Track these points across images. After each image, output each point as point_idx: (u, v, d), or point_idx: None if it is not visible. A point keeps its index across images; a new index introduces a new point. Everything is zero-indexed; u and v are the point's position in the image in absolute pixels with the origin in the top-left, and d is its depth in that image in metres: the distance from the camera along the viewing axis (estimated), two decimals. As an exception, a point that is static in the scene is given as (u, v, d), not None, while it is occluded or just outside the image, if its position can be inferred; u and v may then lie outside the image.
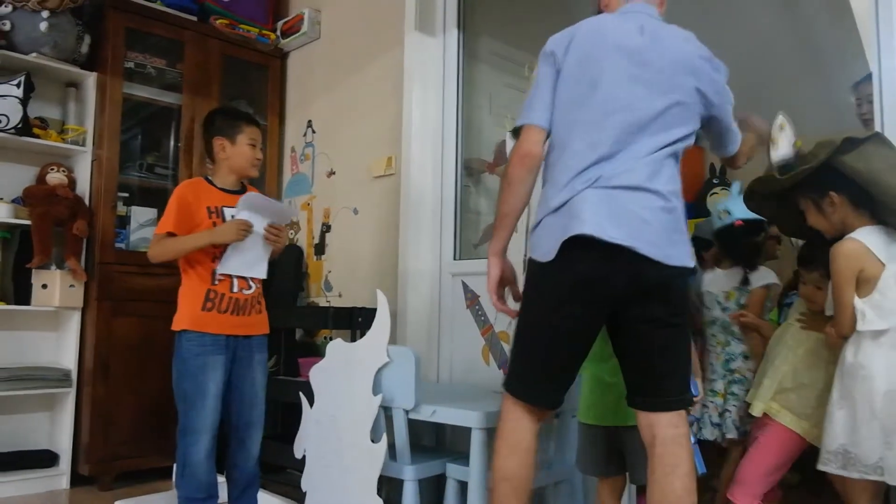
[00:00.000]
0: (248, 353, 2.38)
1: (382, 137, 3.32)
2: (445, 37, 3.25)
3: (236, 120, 2.44)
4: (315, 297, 3.55)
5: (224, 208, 2.34)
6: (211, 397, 2.26)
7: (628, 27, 1.71)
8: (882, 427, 1.63)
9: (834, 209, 1.79)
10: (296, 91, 3.91)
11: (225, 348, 2.31)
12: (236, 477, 2.39)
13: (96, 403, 3.10)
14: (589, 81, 1.68)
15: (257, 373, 2.40)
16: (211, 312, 2.28)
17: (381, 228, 3.26)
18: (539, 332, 1.69)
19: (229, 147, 2.39)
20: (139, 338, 3.22)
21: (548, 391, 1.70)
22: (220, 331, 2.29)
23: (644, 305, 1.62)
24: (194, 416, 2.24)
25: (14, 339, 3.21)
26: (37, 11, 3.13)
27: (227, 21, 3.70)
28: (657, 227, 1.60)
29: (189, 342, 2.27)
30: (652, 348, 1.65)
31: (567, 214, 1.62)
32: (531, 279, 1.73)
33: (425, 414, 2.25)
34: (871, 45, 2.02)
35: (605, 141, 1.63)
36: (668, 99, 1.65)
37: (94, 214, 3.23)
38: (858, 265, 1.70)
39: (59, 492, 3.08)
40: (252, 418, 2.39)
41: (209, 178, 2.43)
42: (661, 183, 1.62)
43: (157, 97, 3.52)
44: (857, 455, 1.67)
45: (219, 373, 2.28)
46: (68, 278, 3.11)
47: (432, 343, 3.10)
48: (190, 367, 2.26)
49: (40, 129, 3.24)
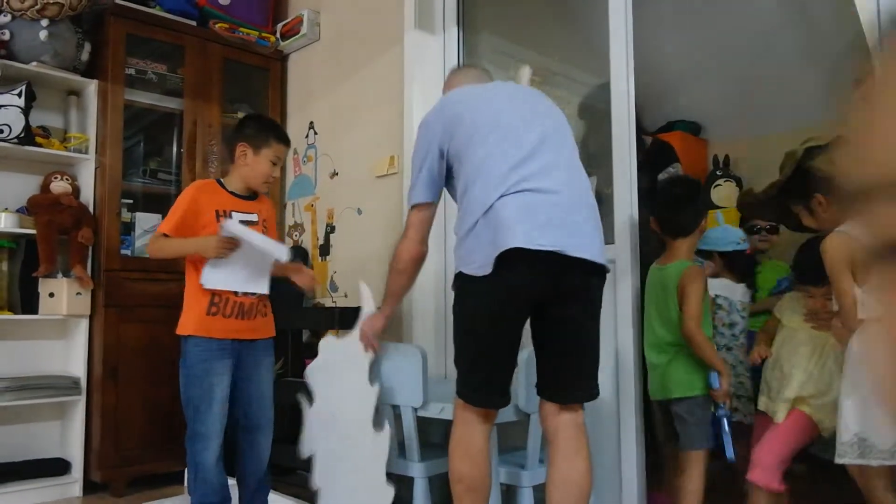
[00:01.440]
0: (254, 357, 2.38)
1: (384, 137, 3.31)
2: (445, 34, 3.25)
3: (267, 132, 2.41)
4: (321, 298, 3.55)
5: (233, 213, 2.34)
6: (217, 402, 2.26)
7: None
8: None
9: (823, 210, 1.88)
10: (297, 93, 3.91)
11: (230, 353, 2.31)
12: (247, 480, 2.39)
13: (106, 410, 3.11)
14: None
15: (263, 375, 2.40)
16: (216, 317, 2.28)
17: (386, 228, 3.26)
18: (480, 341, 1.85)
19: (251, 156, 2.36)
20: (147, 343, 3.23)
21: (493, 394, 1.87)
22: (225, 335, 2.29)
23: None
24: (202, 422, 2.25)
25: (23, 349, 3.22)
26: (36, 20, 3.14)
27: (226, 25, 3.70)
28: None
29: (196, 347, 2.27)
30: (567, 344, 1.83)
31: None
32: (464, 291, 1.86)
33: (434, 411, 2.25)
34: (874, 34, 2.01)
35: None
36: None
37: (99, 222, 3.24)
38: (849, 255, 1.75)
39: (73, 499, 3.09)
40: (260, 421, 2.39)
41: (221, 182, 2.42)
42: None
43: (159, 103, 3.53)
44: (873, 442, 1.68)
45: (225, 377, 2.28)
46: (75, 286, 3.12)
47: (439, 340, 3.09)
48: (196, 372, 2.26)
49: (43, 137, 3.25)
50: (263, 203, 2.49)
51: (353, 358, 2.30)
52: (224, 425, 2.28)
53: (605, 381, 2.47)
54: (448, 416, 2.25)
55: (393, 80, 3.28)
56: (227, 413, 2.30)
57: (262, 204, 2.47)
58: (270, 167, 2.37)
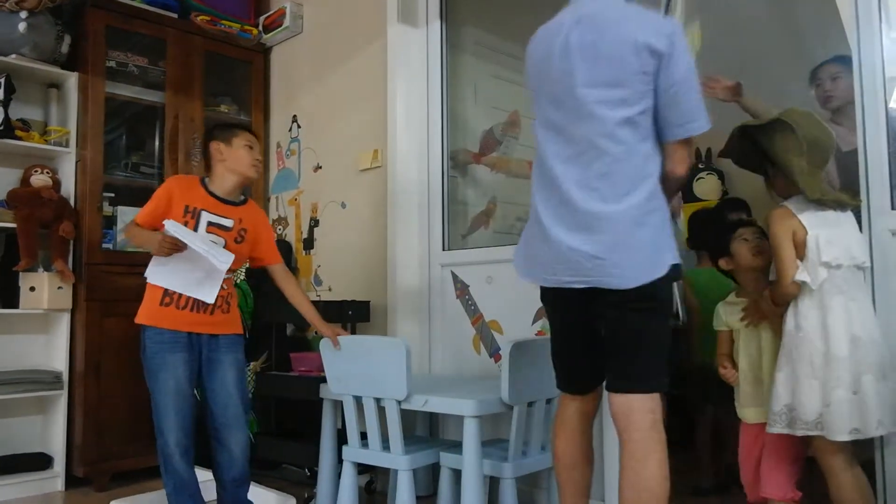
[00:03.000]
0: (217, 354, 2.34)
1: (368, 130, 3.31)
2: (428, 28, 3.25)
3: (232, 127, 2.48)
4: (305, 292, 3.55)
5: (203, 212, 2.30)
6: (173, 395, 2.24)
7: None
8: (821, 385, 1.75)
9: (776, 179, 1.96)
10: (280, 86, 3.89)
11: (188, 346, 2.28)
12: (221, 477, 2.37)
13: (88, 404, 3.10)
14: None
15: (228, 374, 2.34)
16: (168, 308, 2.27)
17: (370, 221, 3.27)
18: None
19: (225, 149, 2.36)
20: (129, 337, 3.18)
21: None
22: (177, 327, 2.27)
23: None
24: (160, 414, 2.25)
25: (4, 343, 3.20)
26: (15, 12, 3.10)
27: (208, 17, 3.67)
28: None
29: (149, 339, 2.27)
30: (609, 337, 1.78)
31: None
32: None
33: (417, 404, 2.26)
34: (851, 25, 2.04)
35: None
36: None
37: (80, 215, 3.22)
38: (790, 226, 1.84)
39: (55, 494, 3.08)
40: (227, 420, 2.33)
41: (205, 181, 2.39)
42: None
43: (140, 96, 3.50)
44: (799, 413, 1.78)
45: (180, 370, 2.26)
46: (56, 280, 3.10)
47: (423, 334, 3.11)
48: (150, 365, 2.26)
49: (23, 131, 3.22)
50: (249, 211, 2.44)
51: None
52: (185, 419, 2.26)
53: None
54: (431, 409, 2.27)
55: (376, 74, 3.27)
56: (190, 406, 2.28)
57: (246, 211, 2.42)
58: (248, 151, 2.38)
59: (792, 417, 1.79)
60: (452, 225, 3.21)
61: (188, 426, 2.27)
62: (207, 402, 2.35)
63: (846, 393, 1.72)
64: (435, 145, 3.21)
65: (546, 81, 1.81)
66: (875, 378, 1.72)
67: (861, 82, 2.01)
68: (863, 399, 1.71)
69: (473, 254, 3.03)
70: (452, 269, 3.06)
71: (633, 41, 1.66)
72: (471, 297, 2.98)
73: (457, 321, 3.01)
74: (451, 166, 3.25)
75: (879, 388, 1.73)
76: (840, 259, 1.79)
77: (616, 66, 1.68)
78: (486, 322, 2.91)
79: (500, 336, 2.84)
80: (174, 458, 2.24)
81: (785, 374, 1.83)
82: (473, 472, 2.15)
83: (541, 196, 1.81)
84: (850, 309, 1.77)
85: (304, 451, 2.87)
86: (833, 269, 1.79)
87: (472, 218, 3.28)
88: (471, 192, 3.37)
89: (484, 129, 3.28)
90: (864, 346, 1.74)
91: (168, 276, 2.26)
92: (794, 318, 1.83)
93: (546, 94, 1.82)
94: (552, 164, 1.77)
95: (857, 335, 1.75)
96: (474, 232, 3.25)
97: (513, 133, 3.23)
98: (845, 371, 1.73)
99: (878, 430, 1.71)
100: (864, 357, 1.73)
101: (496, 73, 3.53)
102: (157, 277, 2.28)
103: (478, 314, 2.94)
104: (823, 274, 1.79)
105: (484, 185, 3.35)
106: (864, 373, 1.72)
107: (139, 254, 3.33)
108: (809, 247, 1.81)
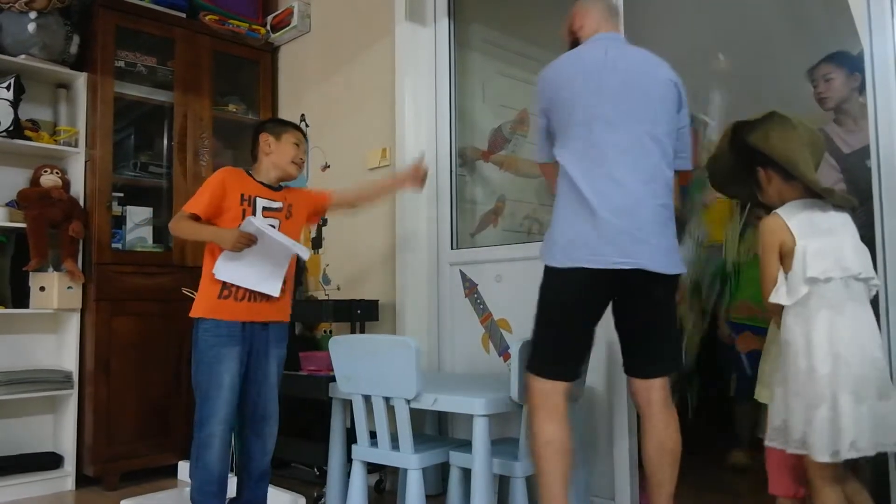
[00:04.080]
0: (265, 346, 2.38)
1: (376, 129, 3.31)
2: (436, 26, 3.24)
3: (285, 124, 2.57)
4: (314, 291, 3.55)
5: (258, 198, 2.37)
6: (226, 389, 2.26)
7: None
8: (805, 403, 1.69)
9: (769, 183, 1.91)
10: (288, 85, 3.90)
11: (241, 340, 2.30)
12: (251, 469, 2.40)
13: (98, 404, 3.11)
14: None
15: (272, 366, 2.40)
16: (227, 300, 2.29)
17: (378, 220, 3.26)
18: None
19: (274, 143, 2.44)
20: (138, 337, 3.23)
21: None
22: (234, 317, 2.29)
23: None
24: (209, 408, 2.25)
25: (14, 343, 3.21)
26: (24, 13, 3.11)
27: (216, 17, 3.68)
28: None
29: (205, 332, 2.28)
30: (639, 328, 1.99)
31: None
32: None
33: (427, 403, 2.25)
34: (863, 24, 2.02)
35: None
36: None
37: (90, 215, 3.23)
38: (778, 238, 1.80)
39: (65, 493, 3.09)
40: (267, 412, 2.40)
41: (249, 171, 2.45)
42: None
43: (149, 95, 3.51)
44: (790, 430, 1.73)
45: (234, 363, 2.28)
46: (66, 280, 3.11)
47: (432, 333, 3.10)
48: (205, 357, 2.27)
49: (32, 131, 3.23)
50: (288, 192, 2.50)
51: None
52: (231, 413, 2.28)
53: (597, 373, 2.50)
54: (441, 408, 2.26)
55: (384, 72, 3.27)
56: (236, 401, 2.30)
57: (286, 193, 2.49)
58: (295, 148, 2.46)
59: (786, 434, 1.75)
60: (461, 223, 3.20)
61: (232, 420, 2.30)
62: (250, 393, 2.36)
63: (827, 412, 1.65)
64: (443, 144, 3.20)
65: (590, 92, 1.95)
66: (853, 398, 1.64)
67: (873, 77, 1.99)
68: (838, 419, 1.64)
69: (482, 252, 3.02)
70: (461, 268, 3.06)
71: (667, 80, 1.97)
72: (479, 296, 2.97)
73: (465, 320, 3.01)
74: (459, 164, 3.24)
75: (858, 409, 1.64)
76: (829, 272, 1.72)
77: (657, 102, 1.95)
78: (494, 321, 2.90)
79: (509, 335, 2.84)
80: (212, 451, 2.24)
81: (781, 389, 1.78)
82: (483, 472, 2.14)
83: (587, 180, 1.89)
84: (835, 324, 1.69)
85: (313, 451, 2.88)
86: (821, 283, 1.71)
87: (480, 216, 3.27)
88: (479, 190, 3.37)
89: (492, 127, 3.27)
90: (846, 364, 1.66)
91: (238, 271, 2.29)
92: (784, 332, 1.78)
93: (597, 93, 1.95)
94: (606, 151, 1.90)
95: (838, 352, 1.67)
96: (483, 230, 3.25)
97: (521, 131, 3.22)
98: (826, 388, 1.66)
99: (850, 452, 1.63)
100: (844, 375, 1.66)
101: (504, 71, 3.52)
102: (226, 273, 2.28)
103: (486, 313, 2.94)
104: (804, 290, 1.72)
105: (492, 184, 3.34)
106: (841, 392, 1.65)
107: (149, 254, 3.36)
108: (796, 259, 1.75)
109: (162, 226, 3.40)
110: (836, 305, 1.71)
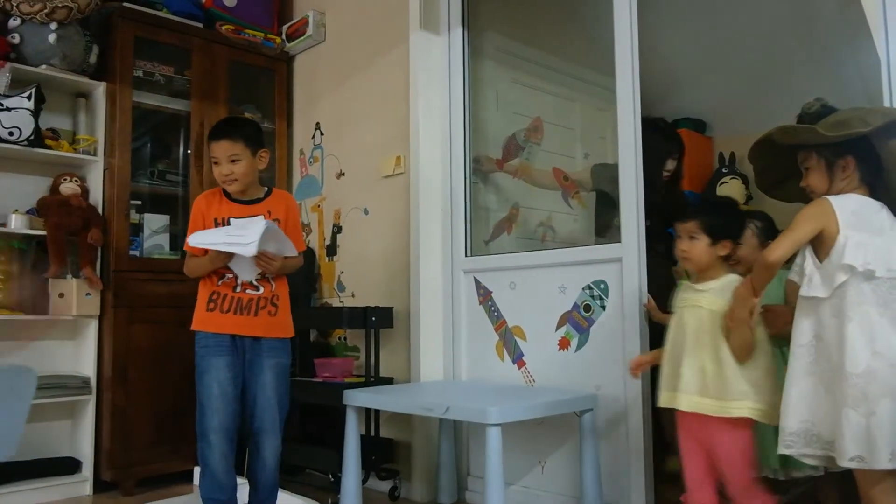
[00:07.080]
0: (259, 358, 2.35)
1: (390, 137, 3.33)
2: (450, 34, 3.25)
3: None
4: (328, 298, 3.57)
5: (231, 219, 2.35)
6: (216, 398, 2.27)
7: None
8: (834, 402, 1.62)
9: (845, 174, 1.77)
10: (303, 94, 3.93)
11: (231, 349, 2.32)
12: (256, 485, 2.40)
13: (116, 409, 3.14)
14: None
15: (268, 377, 2.35)
16: (213, 312, 2.33)
17: (392, 228, 3.28)
18: None
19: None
20: (156, 343, 3.25)
21: None
22: (221, 330, 2.31)
23: None
24: (203, 418, 2.28)
25: (33, 349, 3.25)
26: (45, 23, 3.16)
27: (232, 27, 3.72)
28: None
29: (197, 344, 2.33)
30: None
31: None
32: None
33: (438, 411, 2.26)
34: (878, 29, 2.02)
35: None
36: None
37: (108, 223, 3.26)
38: (824, 219, 1.70)
39: (83, 498, 3.11)
40: (263, 424, 2.35)
41: (225, 191, 2.42)
42: None
43: (166, 104, 3.55)
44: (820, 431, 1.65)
45: (223, 373, 2.29)
46: (84, 287, 3.15)
47: (447, 339, 3.11)
48: (198, 368, 2.32)
49: (52, 140, 3.27)
50: (275, 201, 2.44)
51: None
52: (227, 423, 2.29)
53: (614, 380, 2.49)
54: (452, 417, 2.26)
55: (398, 81, 3.29)
56: (234, 411, 2.31)
57: (272, 203, 2.43)
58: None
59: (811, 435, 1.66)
60: (475, 231, 3.21)
61: (230, 430, 2.30)
62: (247, 406, 2.37)
63: (856, 414, 1.57)
64: (457, 151, 3.21)
65: None
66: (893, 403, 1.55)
67: (890, 86, 1.98)
68: (877, 425, 1.54)
69: (496, 260, 3.03)
70: (475, 275, 3.06)
71: None
72: (494, 304, 2.97)
73: (480, 327, 3.01)
74: (473, 172, 3.25)
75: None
76: (871, 265, 1.62)
77: None
78: (509, 328, 2.91)
79: (524, 342, 2.84)
80: (212, 460, 2.26)
81: (800, 389, 1.69)
82: (496, 481, 2.13)
83: None
84: (876, 322, 1.60)
85: (327, 457, 2.89)
86: (858, 274, 1.62)
87: (494, 224, 3.28)
88: (493, 197, 3.37)
89: (506, 135, 3.28)
90: (890, 366, 1.57)
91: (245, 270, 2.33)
92: (812, 328, 1.70)
93: None
94: None
95: (878, 352, 1.58)
96: (497, 238, 3.25)
97: (535, 139, 3.23)
98: (858, 390, 1.57)
99: (892, 462, 1.53)
100: (886, 378, 1.56)
101: (518, 79, 3.54)
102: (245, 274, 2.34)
103: (501, 320, 2.94)
104: (841, 278, 1.63)
105: (506, 191, 3.35)
106: (883, 396, 1.55)
107: (165, 261, 3.39)
108: (835, 248, 1.66)
109: (178, 233, 3.43)
110: (880, 304, 1.62)
